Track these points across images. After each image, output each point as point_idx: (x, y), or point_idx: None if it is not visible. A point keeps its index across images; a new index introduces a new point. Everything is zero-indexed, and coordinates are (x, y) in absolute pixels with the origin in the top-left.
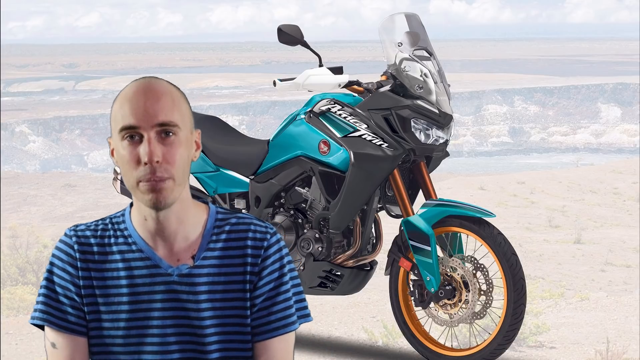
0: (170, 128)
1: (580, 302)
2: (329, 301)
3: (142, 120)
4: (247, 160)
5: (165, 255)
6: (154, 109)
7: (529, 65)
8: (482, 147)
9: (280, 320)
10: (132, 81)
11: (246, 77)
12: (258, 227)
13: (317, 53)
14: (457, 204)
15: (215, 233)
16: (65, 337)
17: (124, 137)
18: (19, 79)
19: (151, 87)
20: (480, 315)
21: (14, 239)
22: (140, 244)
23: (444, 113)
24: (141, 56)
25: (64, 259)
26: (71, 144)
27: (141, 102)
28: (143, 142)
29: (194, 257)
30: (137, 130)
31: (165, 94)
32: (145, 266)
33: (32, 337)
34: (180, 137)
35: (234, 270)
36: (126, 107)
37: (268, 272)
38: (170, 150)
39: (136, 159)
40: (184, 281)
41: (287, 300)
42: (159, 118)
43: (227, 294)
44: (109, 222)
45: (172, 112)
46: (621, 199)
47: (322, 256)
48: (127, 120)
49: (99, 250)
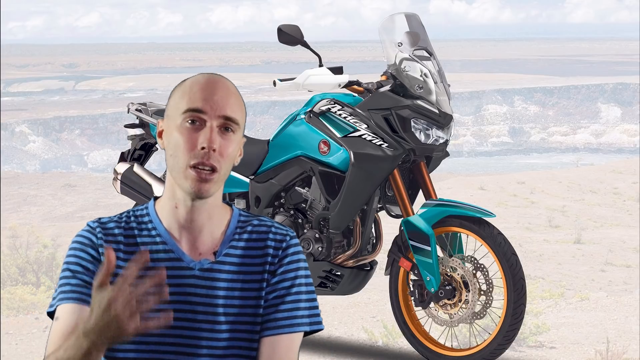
0: (231, 124)
1: (580, 302)
2: (329, 301)
3: (210, 107)
4: (247, 160)
5: (189, 249)
6: (223, 101)
7: (529, 65)
8: (482, 147)
9: (287, 319)
10: (198, 73)
11: (246, 77)
12: (279, 229)
13: (317, 53)
14: (457, 204)
15: (237, 232)
16: (74, 306)
17: (186, 119)
18: (19, 79)
19: (224, 83)
20: (480, 315)
21: (14, 239)
22: (165, 236)
23: (444, 113)
24: (141, 56)
25: (85, 242)
26: (71, 144)
27: (213, 91)
28: (205, 128)
29: (215, 253)
30: (201, 116)
31: (234, 93)
32: (168, 258)
33: (32, 337)
34: (237, 136)
35: (254, 270)
36: (197, 91)
37: (283, 270)
38: (227, 144)
39: (193, 144)
40: (205, 275)
41: (297, 301)
42: (226, 111)
43: (244, 292)
44: (132, 214)
45: (237, 110)
46: (621, 199)
47: (322, 256)
48: (196, 103)
49: (123, 240)
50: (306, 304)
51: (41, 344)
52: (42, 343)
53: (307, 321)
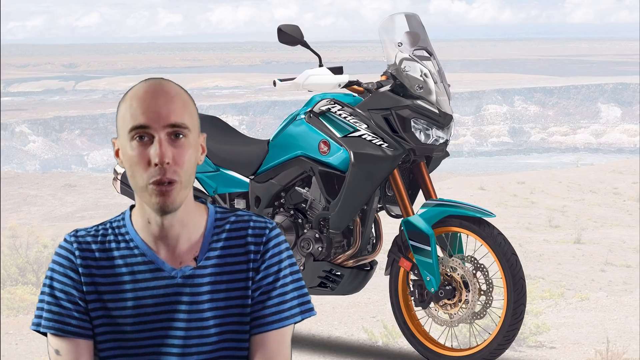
0: (180, 130)
1: (580, 302)
2: (329, 301)
3: (153, 120)
4: (247, 160)
5: (168, 258)
6: (166, 109)
7: (529, 65)
8: (482, 147)
9: (274, 314)
10: (140, 81)
11: (246, 77)
12: (257, 222)
13: (317, 53)
14: (457, 204)
15: (215, 233)
16: (70, 341)
17: (134, 137)
18: (19, 79)
19: (162, 88)
20: (480, 315)
21: (14, 239)
22: (143, 248)
23: (444, 113)
24: (141, 56)
25: (65, 264)
26: (71, 144)
27: (153, 102)
28: (154, 143)
29: (196, 259)
30: (147, 131)
31: (176, 96)
32: (149, 270)
33: (32, 337)
34: (189, 139)
35: (237, 268)
36: (136, 107)
37: (266, 266)
38: (180, 152)
39: (146, 160)
40: (188, 282)
41: (283, 294)
42: (170, 119)
43: (229, 293)
44: (109, 226)
45: (183, 114)
46: (621, 199)
47: (322, 256)
48: (138, 120)
49: (100, 255)
50: (294, 293)
51: (41, 344)
52: (42, 343)
53: (297, 311)
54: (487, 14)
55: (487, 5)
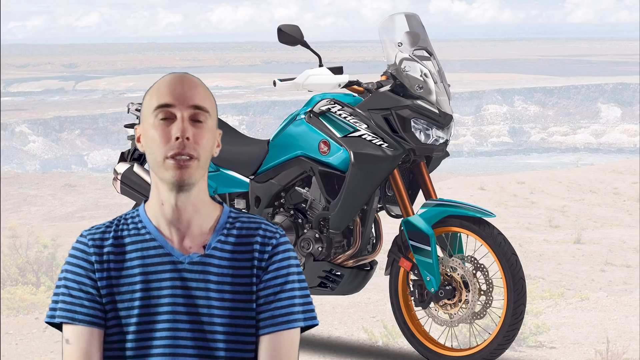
0: (202, 113)
1: (580, 302)
2: (329, 301)
3: (178, 99)
4: (247, 160)
5: (178, 244)
6: (190, 92)
7: (529, 65)
8: (482, 147)
9: (284, 315)
10: (167, 74)
11: (246, 77)
12: (268, 227)
13: (317, 53)
14: (457, 204)
15: (227, 228)
16: (79, 329)
17: (158, 115)
18: (19, 79)
19: (189, 77)
20: (480, 315)
21: (14, 239)
22: (154, 233)
23: (444, 113)
24: (141, 56)
25: (78, 255)
26: (71, 144)
27: (179, 85)
28: (176, 121)
29: (204, 247)
30: (171, 109)
31: (200, 85)
32: (158, 254)
33: (32, 337)
34: (209, 124)
35: (243, 265)
36: (163, 89)
37: (275, 267)
38: (200, 132)
39: (167, 137)
40: (195, 269)
41: (292, 298)
42: (195, 100)
43: (235, 287)
44: (122, 218)
45: (205, 99)
46: (621, 199)
47: (322, 256)
48: (163, 99)
49: (114, 242)
50: (300, 299)
51: (41, 344)
52: (42, 343)
53: (302, 317)
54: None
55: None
